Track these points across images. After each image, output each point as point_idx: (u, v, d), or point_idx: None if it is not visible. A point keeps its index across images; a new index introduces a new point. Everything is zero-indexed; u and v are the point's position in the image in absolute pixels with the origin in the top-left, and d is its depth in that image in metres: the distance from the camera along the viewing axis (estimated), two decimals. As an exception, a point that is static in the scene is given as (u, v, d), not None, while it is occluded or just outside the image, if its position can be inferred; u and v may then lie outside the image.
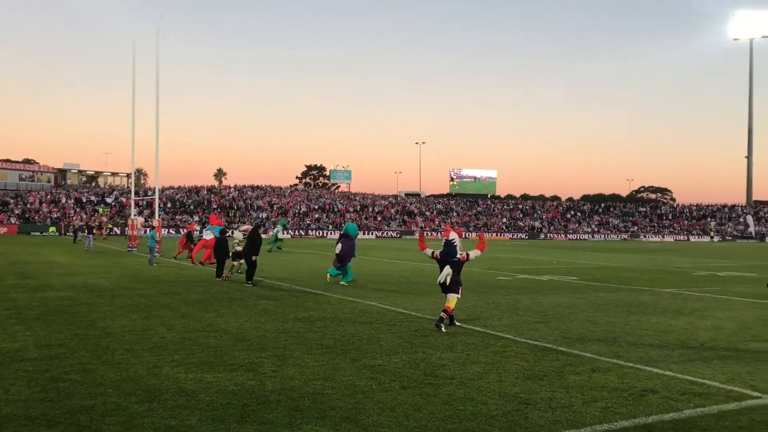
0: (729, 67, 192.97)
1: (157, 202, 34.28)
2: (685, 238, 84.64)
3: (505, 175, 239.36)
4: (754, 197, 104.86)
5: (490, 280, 20.53)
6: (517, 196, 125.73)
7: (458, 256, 11.28)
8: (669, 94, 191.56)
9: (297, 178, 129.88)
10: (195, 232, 30.78)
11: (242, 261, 20.69)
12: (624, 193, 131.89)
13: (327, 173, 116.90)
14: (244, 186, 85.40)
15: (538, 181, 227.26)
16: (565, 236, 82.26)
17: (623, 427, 6.05)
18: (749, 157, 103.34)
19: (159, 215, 35.72)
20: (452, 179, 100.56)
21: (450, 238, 11.40)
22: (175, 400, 6.58)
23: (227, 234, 18.29)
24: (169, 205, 71.92)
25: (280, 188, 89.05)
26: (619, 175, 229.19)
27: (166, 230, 59.89)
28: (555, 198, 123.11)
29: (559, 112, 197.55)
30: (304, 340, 9.96)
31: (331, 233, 70.71)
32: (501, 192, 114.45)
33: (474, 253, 11.56)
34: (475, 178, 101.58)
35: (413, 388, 7.24)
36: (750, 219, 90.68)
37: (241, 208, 74.87)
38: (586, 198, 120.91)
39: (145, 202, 64.33)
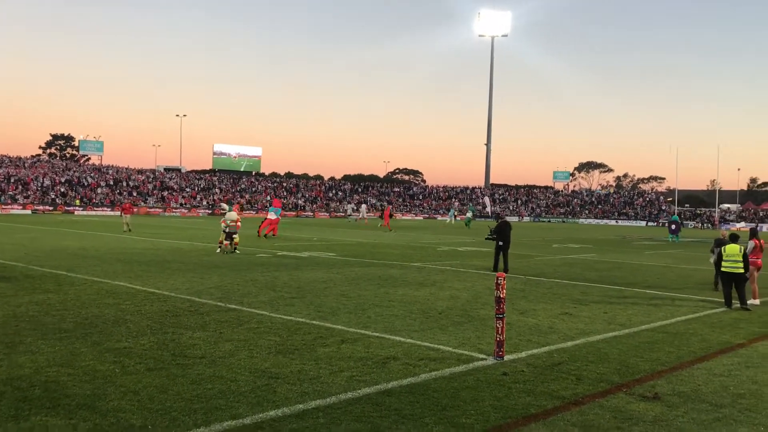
0: (474, 61, 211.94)
1: None
2: (433, 216, 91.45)
3: (269, 153, 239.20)
4: (492, 180, 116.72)
5: (250, 257, 20.45)
6: (282, 174, 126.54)
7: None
8: (422, 84, 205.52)
9: (40, 148, 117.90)
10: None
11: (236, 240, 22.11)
12: (381, 174, 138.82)
13: (76, 144, 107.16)
14: (-26, 155, 75.36)
15: (301, 160, 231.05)
16: (328, 214, 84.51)
17: (366, 393, 6.40)
18: (488, 144, 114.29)
19: None
20: (215, 154, 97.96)
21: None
22: None
23: None
24: None
25: (20, 158, 79.95)
26: (377, 157, 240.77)
27: None
28: (318, 177, 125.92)
29: (322, 95, 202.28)
30: (40, 324, 9.11)
31: (78, 209, 65.19)
32: (266, 169, 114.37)
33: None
34: (239, 154, 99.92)
35: (160, 369, 6.98)
36: (487, 200, 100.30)
37: (-31, 179, 65.99)
38: (347, 177, 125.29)
39: None
